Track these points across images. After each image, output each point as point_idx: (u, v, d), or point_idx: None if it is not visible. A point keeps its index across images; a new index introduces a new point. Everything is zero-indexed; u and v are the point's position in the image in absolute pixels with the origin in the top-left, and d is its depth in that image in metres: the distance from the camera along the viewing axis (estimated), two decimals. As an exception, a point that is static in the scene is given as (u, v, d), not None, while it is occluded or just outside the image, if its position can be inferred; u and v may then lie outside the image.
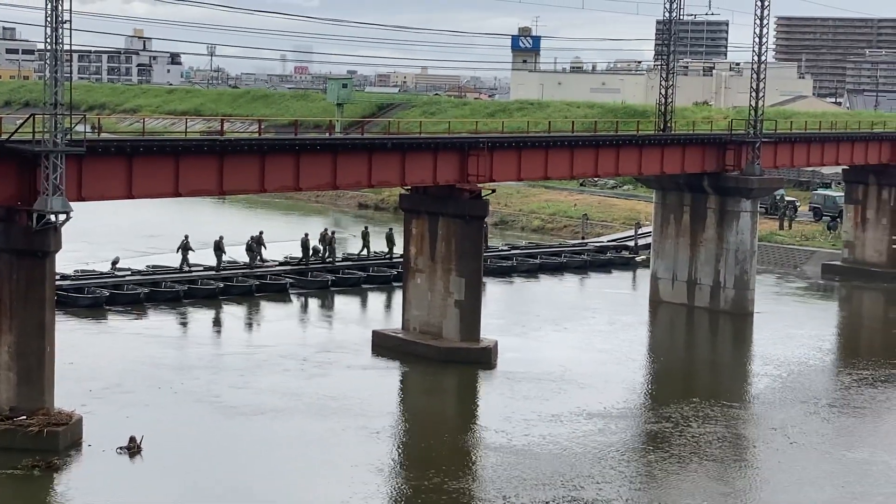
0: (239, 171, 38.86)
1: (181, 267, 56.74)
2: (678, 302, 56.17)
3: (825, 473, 32.85)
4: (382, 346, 45.49)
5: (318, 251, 61.09)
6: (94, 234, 64.35)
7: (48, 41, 32.24)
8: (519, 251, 68.85)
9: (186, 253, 57.13)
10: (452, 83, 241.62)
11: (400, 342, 45.31)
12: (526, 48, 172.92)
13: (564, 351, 46.52)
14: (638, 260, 68.74)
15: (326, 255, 61.17)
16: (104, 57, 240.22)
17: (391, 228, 63.63)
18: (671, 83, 56.60)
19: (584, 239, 75.85)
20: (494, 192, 47.36)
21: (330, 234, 62.50)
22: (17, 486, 29.93)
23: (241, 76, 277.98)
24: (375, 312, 54.27)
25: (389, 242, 62.12)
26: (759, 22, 54.50)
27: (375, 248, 63.90)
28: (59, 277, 45.22)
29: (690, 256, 55.89)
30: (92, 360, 41.93)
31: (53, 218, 32.68)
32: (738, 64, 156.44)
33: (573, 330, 51.12)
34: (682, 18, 58.64)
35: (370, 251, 63.75)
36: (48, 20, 32.04)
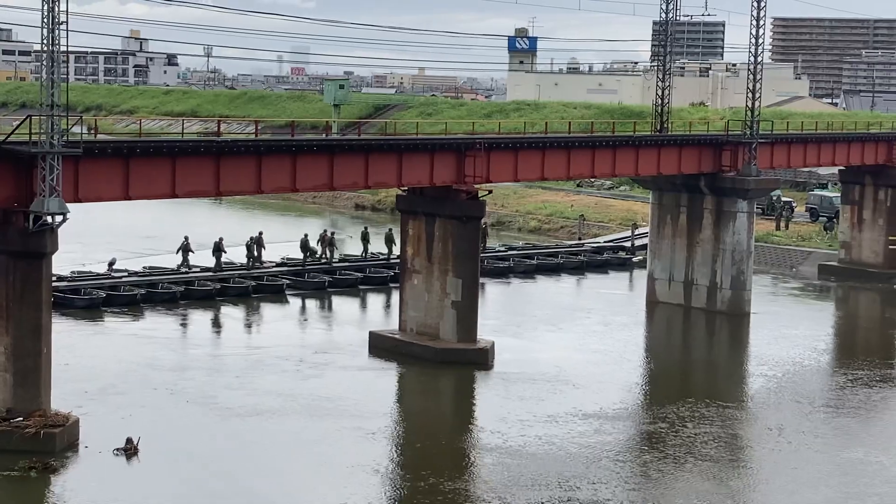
0: (235, 172, 38.88)
1: (183, 267, 56.81)
2: (675, 302, 56.22)
3: (820, 473, 32.92)
4: (379, 346, 45.49)
5: (314, 252, 61.03)
6: (90, 235, 64.31)
7: (45, 42, 32.28)
8: (516, 252, 68.89)
9: (187, 254, 57.17)
10: (449, 84, 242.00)
11: (397, 343, 45.31)
12: (523, 49, 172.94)
13: (561, 352, 46.56)
14: (634, 261, 68.74)
15: (327, 255, 61.16)
16: (101, 58, 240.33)
17: (391, 229, 63.18)
18: (668, 84, 56.68)
19: (580, 240, 75.89)
20: (491, 192, 47.40)
21: (330, 235, 62.51)
22: (13, 487, 29.95)
23: (237, 77, 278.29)
24: (372, 313, 54.29)
25: (389, 243, 61.93)
26: (755, 23, 54.59)
27: (375, 249, 63.86)
28: (55, 279, 45.20)
29: (687, 257, 55.95)
30: (88, 361, 41.93)
31: (50, 219, 32.69)
32: (734, 65, 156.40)
33: (570, 331, 51.16)
34: (678, 19, 58.73)
35: (367, 252, 63.74)
36: (45, 21, 32.08)
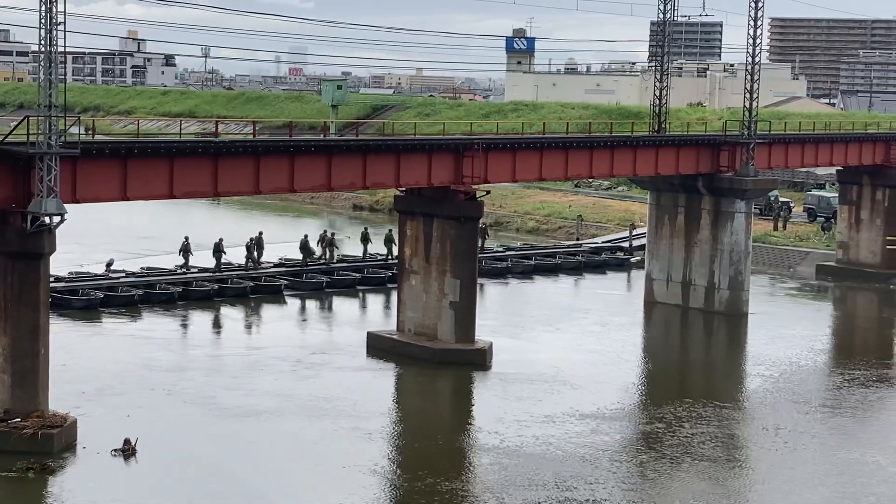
0: (233, 172, 38.89)
1: (183, 267, 56.83)
2: (673, 303, 56.25)
3: (817, 473, 32.96)
4: (377, 347, 45.49)
5: (314, 253, 61.04)
6: (88, 235, 64.30)
7: (42, 43, 32.29)
8: (514, 252, 68.90)
9: (187, 255, 57.18)
10: (447, 84, 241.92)
11: (395, 343, 45.31)
12: (520, 49, 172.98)
13: (558, 352, 46.58)
14: (632, 261, 68.80)
15: (327, 256, 61.15)
16: (98, 59, 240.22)
17: (391, 230, 62.71)
18: (665, 84, 56.75)
19: (578, 240, 75.92)
20: (489, 193, 47.41)
21: (330, 235, 62.50)
22: (11, 488, 29.95)
23: (235, 78, 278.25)
24: (370, 314, 54.30)
25: (389, 244, 61.77)
26: (752, 23, 54.60)
27: (375, 250, 63.80)
28: (53, 279, 45.20)
29: (685, 257, 55.99)
30: (86, 362, 41.93)
31: (48, 220, 32.71)
32: (732, 65, 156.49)
33: (567, 331, 51.18)
34: (676, 19, 58.83)
35: (367, 253, 63.74)
36: (42, 22, 32.09)
